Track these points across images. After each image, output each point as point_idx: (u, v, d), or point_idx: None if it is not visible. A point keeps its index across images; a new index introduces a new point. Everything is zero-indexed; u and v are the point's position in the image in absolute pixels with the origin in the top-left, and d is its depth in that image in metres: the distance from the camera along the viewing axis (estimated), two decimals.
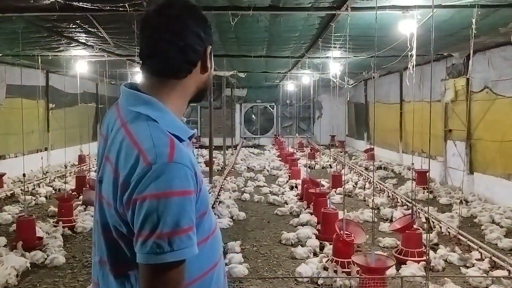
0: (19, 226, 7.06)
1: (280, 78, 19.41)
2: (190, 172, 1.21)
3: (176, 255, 1.16)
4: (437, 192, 11.08)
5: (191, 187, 1.20)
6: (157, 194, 1.16)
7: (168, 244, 1.15)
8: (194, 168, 1.24)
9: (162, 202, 1.15)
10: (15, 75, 12.00)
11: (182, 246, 1.17)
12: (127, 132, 1.26)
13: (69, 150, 15.03)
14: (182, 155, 1.21)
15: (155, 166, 1.17)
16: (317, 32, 8.56)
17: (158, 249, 1.15)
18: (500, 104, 9.59)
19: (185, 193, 1.19)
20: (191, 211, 1.20)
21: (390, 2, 6.24)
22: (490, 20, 7.07)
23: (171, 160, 1.18)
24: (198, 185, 1.25)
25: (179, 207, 1.17)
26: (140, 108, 1.30)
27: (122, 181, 1.21)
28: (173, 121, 1.31)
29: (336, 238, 6.04)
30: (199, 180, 1.26)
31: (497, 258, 6.03)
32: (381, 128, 17.44)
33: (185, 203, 1.18)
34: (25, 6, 6.36)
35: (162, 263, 1.16)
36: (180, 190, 1.18)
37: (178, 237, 1.16)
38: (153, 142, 1.21)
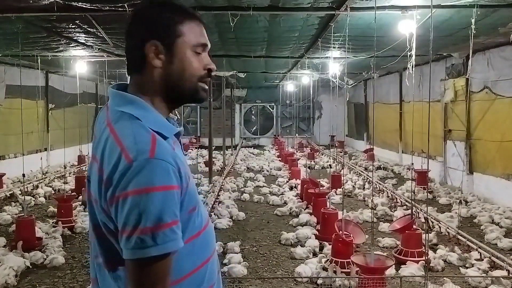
0: (19, 227, 7.06)
1: (280, 78, 19.41)
2: (172, 168, 1.23)
3: (159, 249, 1.18)
4: (436, 192, 11.09)
5: (173, 182, 1.22)
6: (138, 190, 1.18)
7: (151, 238, 1.18)
8: (178, 165, 1.26)
9: (143, 197, 1.18)
10: (15, 76, 11.99)
11: (166, 240, 1.19)
12: (111, 131, 1.29)
13: (69, 151, 15.03)
14: (164, 151, 1.24)
15: (135, 163, 1.19)
16: (316, 32, 8.56)
17: (142, 244, 1.18)
18: (500, 104, 9.59)
19: (167, 188, 1.21)
20: (174, 205, 1.22)
21: (389, 2, 6.24)
22: (489, 20, 7.07)
23: (152, 156, 1.21)
24: (184, 181, 1.28)
25: (161, 202, 1.19)
26: (125, 108, 1.33)
27: (105, 179, 1.24)
28: (156, 119, 1.34)
29: (336, 238, 6.03)
30: (184, 176, 1.28)
31: (496, 258, 6.03)
32: (380, 128, 17.45)
33: (167, 198, 1.21)
34: (24, 6, 6.36)
35: (146, 257, 1.18)
36: (161, 185, 1.20)
37: (162, 231, 1.19)
38: (135, 140, 1.24)
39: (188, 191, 1.30)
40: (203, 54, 1.43)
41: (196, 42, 1.40)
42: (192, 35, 1.39)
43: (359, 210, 9.13)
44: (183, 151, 1.49)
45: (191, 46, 1.39)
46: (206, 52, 1.44)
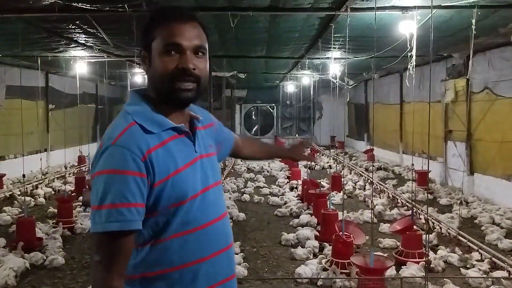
0: (19, 227, 7.05)
1: (280, 79, 19.42)
2: (132, 155, 1.33)
3: (105, 227, 1.31)
4: (437, 193, 11.07)
5: (128, 167, 1.32)
6: (96, 172, 1.36)
7: (99, 216, 1.32)
8: (146, 154, 1.35)
9: (97, 179, 1.35)
10: (15, 76, 12.01)
11: (112, 219, 1.30)
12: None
13: (69, 151, 15.03)
14: (128, 139, 1.35)
15: (102, 149, 1.37)
16: (316, 33, 8.56)
17: (92, 220, 1.35)
18: (500, 104, 9.58)
19: (118, 172, 1.32)
20: (127, 189, 1.31)
21: (389, 3, 6.24)
22: (490, 20, 7.06)
23: (113, 143, 1.35)
24: (157, 172, 1.36)
25: (107, 184, 1.32)
26: (127, 106, 1.49)
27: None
28: (145, 114, 1.44)
29: (336, 239, 6.02)
30: (157, 168, 1.36)
31: (497, 259, 6.01)
32: (381, 129, 17.44)
33: (116, 181, 1.32)
34: (24, 7, 6.36)
35: (97, 232, 1.33)
36: (112, 169, 1.33)
37: (107, 210, 1.31)
38: (111, 130, 1.40)
39: (168, 184, 1.38)
40: (179, 54, 1.43)
41: (165, 43, 1.42)
42: (162, 37, 1.43)
43: (359, 211, 9.12)
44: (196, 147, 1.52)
45: (161, 47, 1.42)
46: (186, 51, 1.43)
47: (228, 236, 1.58)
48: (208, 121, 1.69)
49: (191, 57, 1.43)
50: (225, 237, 1.56)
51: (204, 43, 1.49)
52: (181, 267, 1.44)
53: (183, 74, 1.42)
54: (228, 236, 1.58)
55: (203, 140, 1.58)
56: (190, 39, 1.43)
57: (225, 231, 1.57)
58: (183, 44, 1.42)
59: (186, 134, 1.50)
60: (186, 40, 1.43)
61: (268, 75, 17.53)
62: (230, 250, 1.58)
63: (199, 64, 1.45)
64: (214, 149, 1.65)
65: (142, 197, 1.35)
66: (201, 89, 1.48)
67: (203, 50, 1.48)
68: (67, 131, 15.04)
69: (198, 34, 1.47)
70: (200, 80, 1.46)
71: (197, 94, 1.47)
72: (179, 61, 1.42)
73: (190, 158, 1.47)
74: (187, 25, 1.45)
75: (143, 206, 1.36)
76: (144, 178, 1.34)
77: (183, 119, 1.53)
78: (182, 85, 1.43)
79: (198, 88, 1.47)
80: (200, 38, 1.47)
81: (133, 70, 15.24)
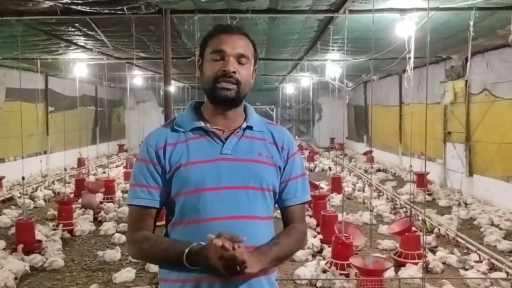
0: (19, 230, 7.06)
1: (280, 81, 19.43)
2: (148, 147, 1.66)
3: (127, 201, 1.69)
4: (436, 194, 11.08)
5: (145, 156, 1.66)
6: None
7: (128, 192, 1.73)
8: (160, 146, 1.65)
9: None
10: (14, 79, 12.00)
11: (130, 196, 1.67)
12: None
13: (69, 154, 15.03)
14: (151, 135, 1.70)
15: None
16: (315, 35, 8.57)
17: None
18: (499, 106, 9.60)
19: (138, 160, 1.68)
20: (144, 173, 1.65)
21: (387, 5, 6.26)
22: (488, 22, 7.08)
23: (145, 138, 1.72)
24: (167, 162, 1.63)
25: (134, 169, 1.69)
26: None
27: None
28: (181, 117, 1.73)
29: (335, 240, 6.03)
30: (168, 158, 1.63)
31: (495, 260, 6.02)
32: (380, 131, 17.45)
33: (137, 167, 1.68)
34: (24, 9, 6.37)
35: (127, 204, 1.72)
36: (137, 157, 1.70)
37: (131, 189, 1.69)
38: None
39: (177, 174, 1.62)
40: (224, 59, 1.63)
41: (213, 49, 1.65)
42: (212, 45, 1.66)
43: (359, 212, 9.13)
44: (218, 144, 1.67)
45: (210, 53, 1.66)
46: (230, 57, 1.63)
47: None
48: (270, 137, 1.75)
49: (234, 62, 1.63)
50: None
51: (248, 53, 1.67)
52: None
53: (225, 75, 1.62)
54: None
55: (244, 146, 1.68)
56: (234, 47, 1.64)
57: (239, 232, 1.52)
58: (227, 50, 1.63)
59: (215, 135, 1.66)
60: (230, 48, 1.64)
61: (268, 77, 17.53)
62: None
63: (241, 70, 1.65)
64: (269, 160, 1.70)
65: (155, 181, 1.64)
66: (241, 93, 1.66)
67: (246, 60, 1.66)
68: (67, 134, 15.04)
69: (242, 45, 1.67)
70: (240, 84, 1.64)
71: (237, 96, 1.65)
72: (222, 65, 1.63)
73: (211, 157, 1.63)
74: (234, 37, 1.67)
75: (157, 188, 1.65)
76: (156, 166, 1.64)
77: (226, 123, 1.70)
78: (223, 85, 1.62)
79: (238, 90, 1.64)
80: (244, 49, 1.66)
81: (132, 72, 15.26)
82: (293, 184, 1.76)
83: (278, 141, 1.74)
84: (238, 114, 1.73)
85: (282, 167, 1.73)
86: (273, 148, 1.73)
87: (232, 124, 1.71)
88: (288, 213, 1.79)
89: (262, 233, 1.66)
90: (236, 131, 1.69)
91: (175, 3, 6.25)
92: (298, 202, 1.78)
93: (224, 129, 1.69)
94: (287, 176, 1.75)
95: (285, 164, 1.75)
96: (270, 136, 1.75)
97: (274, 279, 1.72)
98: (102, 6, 6.09)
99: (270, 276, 1.67)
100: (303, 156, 17.14)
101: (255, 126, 1.73)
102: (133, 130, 23.63)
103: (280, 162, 1.72)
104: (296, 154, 1.78)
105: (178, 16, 6.88)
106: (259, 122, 1.76)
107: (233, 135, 1.68)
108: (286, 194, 1.76)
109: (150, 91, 22.65)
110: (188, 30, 7.36)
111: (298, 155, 1.81)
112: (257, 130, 1.73)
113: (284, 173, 1.74)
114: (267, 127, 1.77)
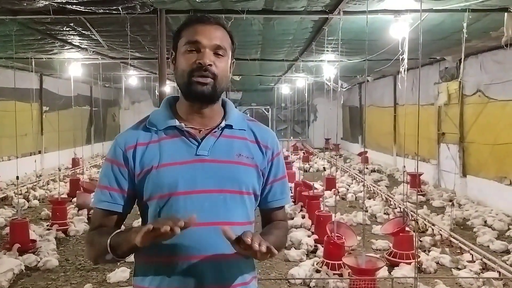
0: (13, 229, 7.04)
1: (275, 81, 19.45)
2: (116, 147, 1.56)
3: (92, 202, 1.63)
4: (430, 195, 11.14)
5: (111, 157, 1.57)
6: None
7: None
8: (125, 146, 1.54)
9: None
10: (9, 78, 11.96)
11: (94, 197, 1.60)
12: None
13: (63, 153, 14.99)
14: (122, 135, 1.60)
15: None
16: (310, 36, 8.61)
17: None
18: (492, 107, 9.66)
19: (105, 160, 1.60)
20: (108, 175, 1.56)
21: (381, 6, 6.30)
22: (481, 24, 7.13)
23: (115, 137, 1.62)
24: (138, 164, 1.52)
25: (101, 169, 1.63)
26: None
27: None
28: (154, 114, 1.62)
29: (327, 240, 6.06)
30: (139, 160, 1.52)
31: (488, 260, 6.07)
32: (375, 131, 17.52)
33: (103, 168, 1.59)
34: (18, 8, 6.36)
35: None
36: (106, 157, 1.61)
37: (96, 190, 1.61)
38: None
39: (147, 177, 1.50)
40: (199, 51, 1.51)
41: (187, 41, 1.53)
42: (185, 36, 1.54)
43: (353, 212, 9.16)
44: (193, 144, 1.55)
45: (183, 45, 1.53)
46: (205, 49, 1.51)
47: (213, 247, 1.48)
48: (251, 136, 1.64)
49: (210, 54, 1.51)
50: (208, 246, 1.48)
51: (225, 45, 1.56)
52: (144, 261, 1.54)
53: (200, 69, 1.50)
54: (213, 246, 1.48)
55: (222, 146, 1.56)
56: (210, 38, 1.52)
57: (210, 241, 1.47)
58: (202, 41, 1.51)
59: (190, 135, 1.54)
60: (206, 38, 1.52)
61: (263, 78, 17.55)
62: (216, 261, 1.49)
63: (218, 63, 1.52)
64: (249, 160, 1.58)
65: (118, 184, 1.54)
66: (218, 88, 1.54)
67: (223, 51, 1.55)
68: (61, 133, 15.01)
69: (219, 36, 1.55)
70: (217, 78, 1.52)
71: (213, 91, 1.52)
72: (198, 57, 1.50)
73: (186, 158, 1.51)
74: (209, 27, 1.55)
75: (119, 191, 1.54)
76: (122, 168, 1.54)
77: (202, 121, 1.58)
78: (199, 79, 1.50)
79: (215, 85, 1.52)
80: (221, 40, 1.55)
81: (127, 72, 15.24)
82: (278, 186, 1.68)
83: (262, 140, 1.64)
84: (216, 112, 1.61)
85: (264, 167, 1.63)
86: (255, 147, 1.62)
87: (210, 122, 1.59)
88: (272, 214, 1.71)
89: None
90: (213, 131, 1.57)
91: (170, 3, 6.26)
92: (282, 204, 1.72)
93: (200, 128, 1.57)
94: (272, 178, 1.66)
95: (270, 165, 1.65)
96: (251, 135, 1.63)
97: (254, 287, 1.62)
98: (97, 5, 6.09)
99: (248, 285, 1.58)
100: (298, 157, 17.17)
101: (235, 125, 1.61)
102: None
103: (263, 162, 1.62)
104: (280, 155, 1.69)
105: (173, 16, 6.88)
106: (240, 120, 1.64)
107: (210, 134, 1.56)
108: (271, 196, 1.68)
109: (145, 91, 22.62)
110: None
111: (282, 156, 1.72)
112: (237, 129, 1.61)
113: (269, 174, 1.65)
114: (248, 125, 1.65)
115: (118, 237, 1.43)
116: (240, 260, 1.52)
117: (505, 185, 9.18)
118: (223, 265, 1.50)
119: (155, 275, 1.50)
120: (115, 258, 1.44)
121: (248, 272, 1.58)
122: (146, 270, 1.53)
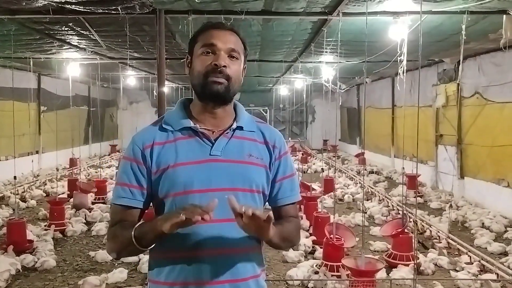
0: (10, 229, 7.02)
1: (273, 83, 19.46)
2: (134, 146, 1.63)
3: (111, 199, 1.69)
4: (428, 196, 11.15)
5: (130, 155, 1.63)
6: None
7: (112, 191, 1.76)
8: (146, 146, 1.61)
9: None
10: (7, 78, 11.90)
11: (113, 194, 1.65)
12: None
13: (61, 153, 14.95)
14: (139, 134, 1.67)
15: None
16: (309, 37, 8.61)
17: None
18: (490, 109, 9.68)
19: (123, 158, 1.66)
20: (127, 172, 1.62)
21: (381, 8, 6.30)
22: (480, 26, 7.15)
23: (132, 137, 1.68)
24: (154, 162, 1.60)
25: (119, 167, 1.68)
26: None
27: None
28: (169, 115, 1.69)
29: (326, 242, 6.06)
30: (155, 158, 1.60)
31: (486, 262, 6.08)
32: (373, 133, 17.53)
33: (122, 166, 1.65)
34: (17, 8, 6.34)
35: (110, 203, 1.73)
36: (123, 156, 1.68)
37: (114, 187, 1.66)
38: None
39: (164, 175, 1.58)
40: (215, 54, 1.60)
41: (203, 44, 1.62)
42: (201, 40, 1.64)
43: (351, 214, 9.16)
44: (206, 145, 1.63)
45: (200, 48, 1.63)
46: (221, 52, 1.60)
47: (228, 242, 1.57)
48: (260, 137, 1.72)
49: (224, 57, 1.60)
50: (223, 241, 1.56)
51: (239, 49, 1.65)
52: (160, 256, 1.60)
53: (216, 70, 1.58)
54: (228, 242, 1.57)
55: (234, 147, 1.64)
56: (225, 42, 1.61)
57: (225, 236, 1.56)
58: (218, 44, 1.60)
59: (205, 136, 1.62)
60: (221, 42, 1.61)
61: (261, 79, 17.55)
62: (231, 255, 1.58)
63: (231, 65, 1.61)
64: (259, 161, 1.66)
65: (138, 181, 1.61)
66: (231, 89, 1.62)
67: (237, 55, 1.64)
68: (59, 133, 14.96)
69: (233, 40, 1.64)
70: (231, 79, 1.61)
71: (226, 91, 1.61)
72: (213, 59, 1.59)
73: (201, 158, 1.60)
74: (224, 32, 1.65)
75: (139, 188, 1.61)
76: (141, 165, 1.61)
77: (215, 122, 1.66)
78: (213, 78, 1.58)
79: (229, 86, 1.61)
80: (235, 44, 1.64)
81: (125, 73, 15.22)
82: (287, 183, 1.75)
83: (270, 140, 1.72)
84: (228, 113, 1.70)
85: (272, 167, 1.71)
86: (264, 148, 1.70)
87: (222, 123, 1.67)
88: (282, 211, 1.76)
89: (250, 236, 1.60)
90: (226, 132, 1.65)
91: (170, 3, 6.25)
92: (292, 201, 1.77)
93: (213, 129, 1.65)
94: (281, 175, 1.73)
95: (278, 163, 1.72)
96: (261, 136, 1.72)
97: (263, 280, 1.69)
98: (96, 5, 6.07)
99: (259, 278, 1.65)
100: (296, 158, 17.17)
101: (246, 126, 1.70)
102: (126, 131, 23.52)
103: (271, 162, 1.70)
104: (287, 154, 1.77)
105: (172, 17, 6.88)
106: (250, 122, 1.73)
107: (223, 135, 1.64)
108: (281, 193, 1.74)
109: (144, 91, 22.59)
110: (182, 30, 7.36)
111: (290, 155, 1.80)
112: (247, 130, 1.70)
113: (278, 172, 1.72)
114: (257, 126, 1.74)
115: (143, 228, 1.50)
116: (252, 255, 1.63)
117: (503, 187, 9.20)
118: (237, 259, 1.58)
119: (171, 270, 1.57)
120: (138, 247, 1.51)
121: (259, 265, 1.67)
122: (162, 265, 1.59)
